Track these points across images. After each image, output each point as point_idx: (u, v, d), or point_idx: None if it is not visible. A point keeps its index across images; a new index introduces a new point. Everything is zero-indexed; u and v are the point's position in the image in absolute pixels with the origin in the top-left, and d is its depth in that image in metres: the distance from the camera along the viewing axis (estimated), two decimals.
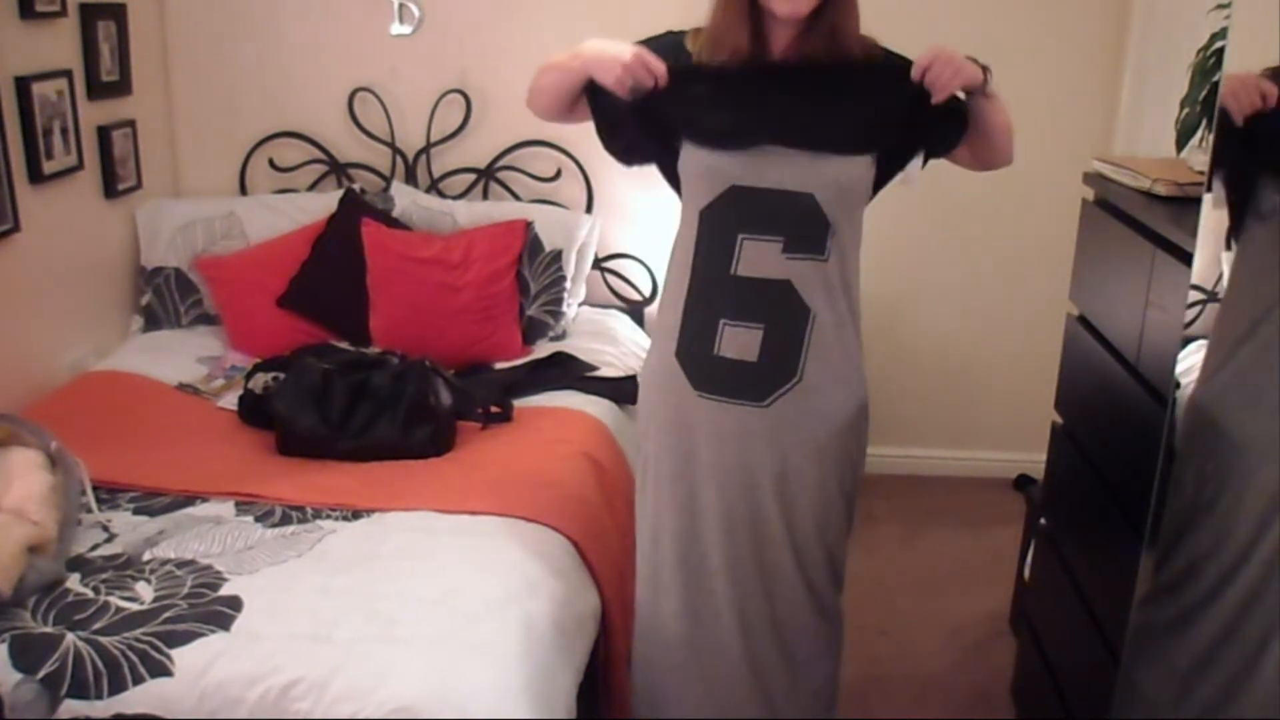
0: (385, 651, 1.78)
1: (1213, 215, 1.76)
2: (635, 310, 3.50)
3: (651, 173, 1.99)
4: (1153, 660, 1.84)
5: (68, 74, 2.91)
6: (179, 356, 3.02)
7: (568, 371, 2.97)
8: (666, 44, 1.88)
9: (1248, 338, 1.73)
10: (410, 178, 3.46)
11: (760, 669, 2.01)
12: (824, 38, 1.78)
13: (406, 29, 3.35)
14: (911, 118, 1.81)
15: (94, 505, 2.18)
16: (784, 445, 1.89)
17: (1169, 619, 1.82)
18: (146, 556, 2.03)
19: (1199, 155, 2.13)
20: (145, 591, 1.92)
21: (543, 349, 3.13)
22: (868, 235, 1.92)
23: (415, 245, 3.10)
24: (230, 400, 2.75)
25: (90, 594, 1.91)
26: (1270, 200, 1.68)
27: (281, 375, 2.62)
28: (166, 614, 1.85)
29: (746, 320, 1.84)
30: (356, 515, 2.21)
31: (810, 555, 1.96)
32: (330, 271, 3.13)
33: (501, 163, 3.45)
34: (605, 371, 2.98)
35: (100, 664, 1.75)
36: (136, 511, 2.22)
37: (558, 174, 3.44)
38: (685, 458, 1.94)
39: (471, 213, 3.27)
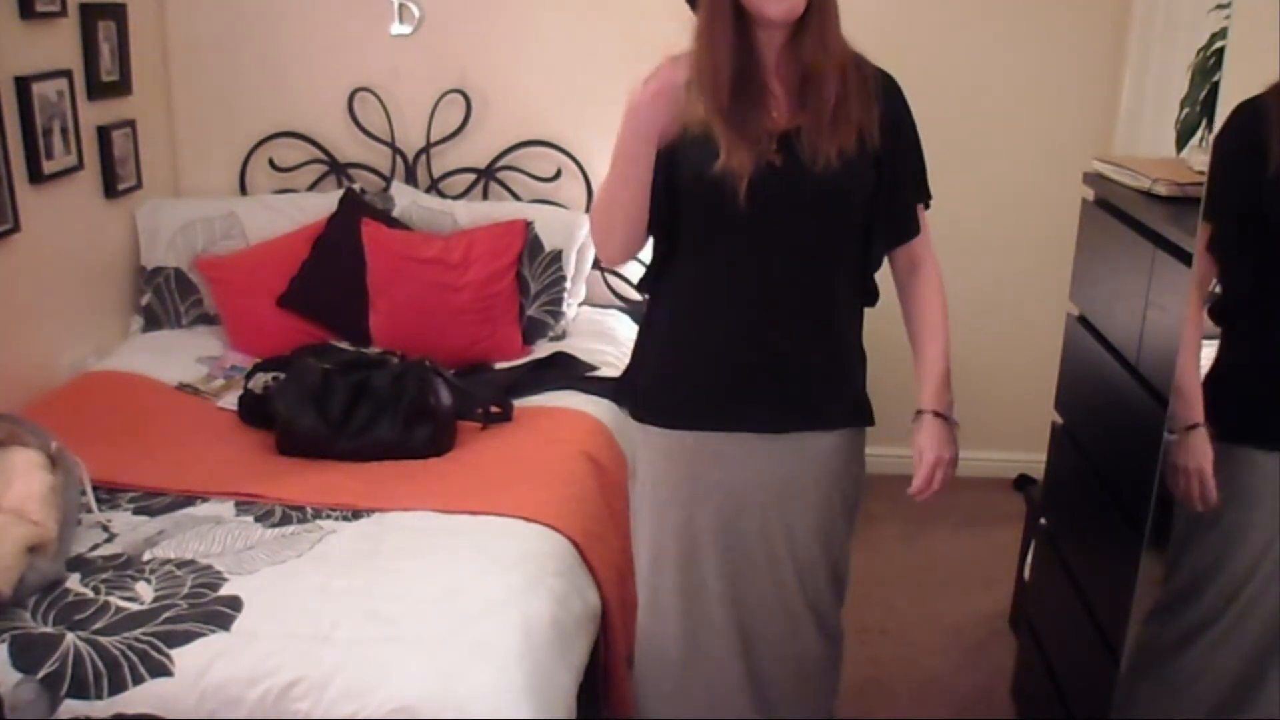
0: (385, 651, 1.78)
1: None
2: (635, 310, 3.49)
3: None
4: (1154, 678, 1.84)
5: (68, 74, 2.92)
6: (179, 356, 3.02)
7: (568, 371, 2.97)
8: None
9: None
10: (410, 178, 3.46)
11: (760, 687, 2.00)
12: (814, 42, 1.74)
13: (406, 29, 3.35)
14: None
15: (94, 505, 2.18)
16: (787, 466, 1.88)
17: (1173, 637, 1.81)
18: (146, 556, 2.04)
19: (1199, 155, 2.13)
20: (145, 591, 1.92)
21: (543, 349, 3.13)
22: None
23: (415, 245, 3.10)
24: (230, 400, 2.75)
25: (90, 594, 1.91)
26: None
27: (281, 375, 2.62)
28: (166, 614, 1.85)
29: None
30: (356, 515, 2.21)
31: (814, 574, 1.94)
32: (330, 271, 3.13)
33: (501, 163, 3.45)
34: (605, 371, 2.98)
35: (100, 664, 1.75)
36: (136, 511, 2.22)
37: (558, 174, 3.44)
38: (685, 480, 1.90)
39: (471, 213, 3.27)
